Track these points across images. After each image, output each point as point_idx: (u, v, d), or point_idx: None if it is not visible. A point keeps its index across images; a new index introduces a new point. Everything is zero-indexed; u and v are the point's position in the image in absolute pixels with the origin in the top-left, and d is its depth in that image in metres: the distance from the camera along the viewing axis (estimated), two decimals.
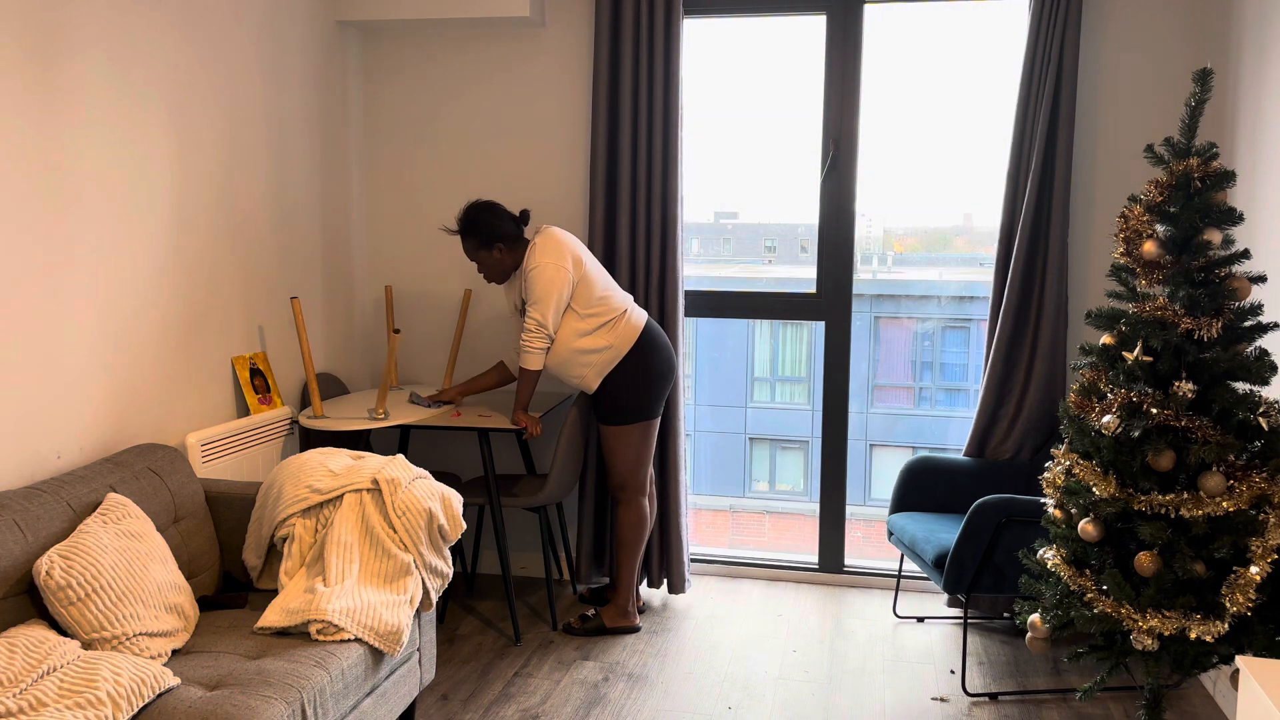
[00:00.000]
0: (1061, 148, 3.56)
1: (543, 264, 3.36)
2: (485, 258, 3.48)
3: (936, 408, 9.59)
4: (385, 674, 2.65)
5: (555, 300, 3.37)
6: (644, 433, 3.57)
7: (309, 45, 3.81)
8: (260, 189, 3.54)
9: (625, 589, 3.70)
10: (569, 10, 4.00)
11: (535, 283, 3.36)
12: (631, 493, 3.62)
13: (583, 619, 3.68)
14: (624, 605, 3.70)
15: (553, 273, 3.35)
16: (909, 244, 8.91)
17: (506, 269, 3.51)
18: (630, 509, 3.64)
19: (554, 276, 3.35)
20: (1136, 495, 2.43)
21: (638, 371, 3.50)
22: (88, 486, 2.52)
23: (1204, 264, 2.48)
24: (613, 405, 3.52)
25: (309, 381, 3.52)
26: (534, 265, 3.37)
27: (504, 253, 3.47)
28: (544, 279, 3.35)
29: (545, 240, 3.42)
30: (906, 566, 4.07)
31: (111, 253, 2.85)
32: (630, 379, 3.50)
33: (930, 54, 6.33)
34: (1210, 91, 2.48)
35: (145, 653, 2.31)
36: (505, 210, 3.49)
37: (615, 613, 3.70)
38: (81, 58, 2.71)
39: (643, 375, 3.50)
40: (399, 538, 2.75)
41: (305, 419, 3.48)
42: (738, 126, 6.57)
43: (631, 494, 3.62)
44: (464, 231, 3.46)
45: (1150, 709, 2.63)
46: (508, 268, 3.51)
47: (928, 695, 3.26)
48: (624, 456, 3.57)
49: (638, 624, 3.72)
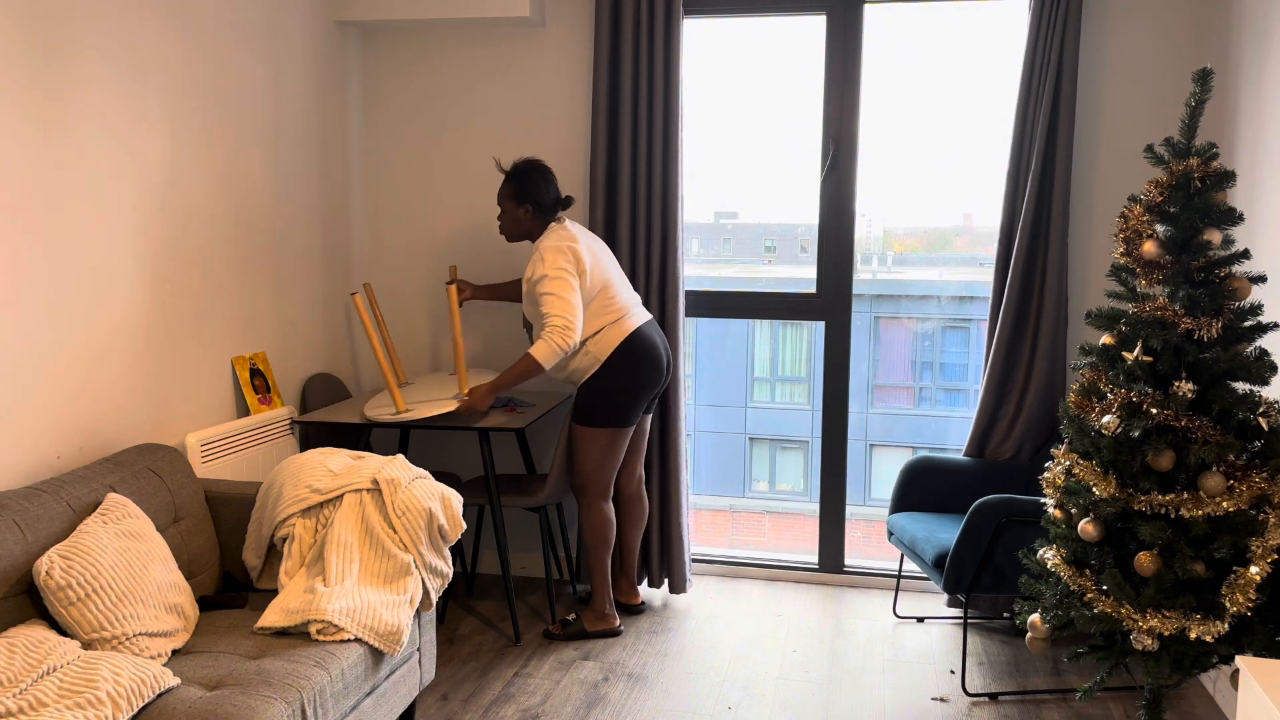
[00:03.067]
0: (1061, 148, 3.56)
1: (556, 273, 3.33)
2: (511, 209, 3.50)
3: (936, 408, 9.60)
4: (385, 674, 2.65)
5: (575, 304, 3.35)
6: (610, 439, 3.51)
7: (309, 45, 3.81)
8: (260, 188, 3.54)
9: (599, 592, 3.67)
10: (569, 10, 4.00)
11: (553, 286, 3.33)
12: (591, 496, 3.58)
13: (563, 624, 3.66)
14: (600, 608, 3.67)
15: (568, 279, 3.34)
16: (909, 244, 8.92)
17: (521, 232, 3.52)
18: (591, 513, 3.60)
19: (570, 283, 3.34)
20: (1136, 495, 2.43)
21: (611, 380, 3.46)
22: (88, 486, 2.52)
23: (1204, 264, 2.48)
24: (582, 404, 3.50)
25: (384, 374, 3.45)
26: (545, 270, 3.35)
27: (528, 216, 3.48)
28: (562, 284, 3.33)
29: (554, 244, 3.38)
30: (906, 566, 4.07)
31: (112, 252, 2.85)
32: (603, 385, 3.46)
33: (930, 54, 6.33)
34: (1210, 91, 2.48)
35: (145, 653, 2.31)
36: (555, 183, 3.51)
37: (593, 616, 3.67)
38: (81, 57, 2.71)
39: (616, 384, 3.46)
40: (399, 538, 2.76)
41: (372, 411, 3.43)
42: (738, 126, 6.57)
43: (591, 497, 3.58)
44: (510, 177, 3.49)
45: (1150, 709, 2.64)
46: (522, 232, 3.52)
47: (928, 695, 3.27)
48: (586, 457, 3.53)
49: (618, 626, 3.68)
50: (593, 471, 3.54)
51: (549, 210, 3.49)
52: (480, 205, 4.17)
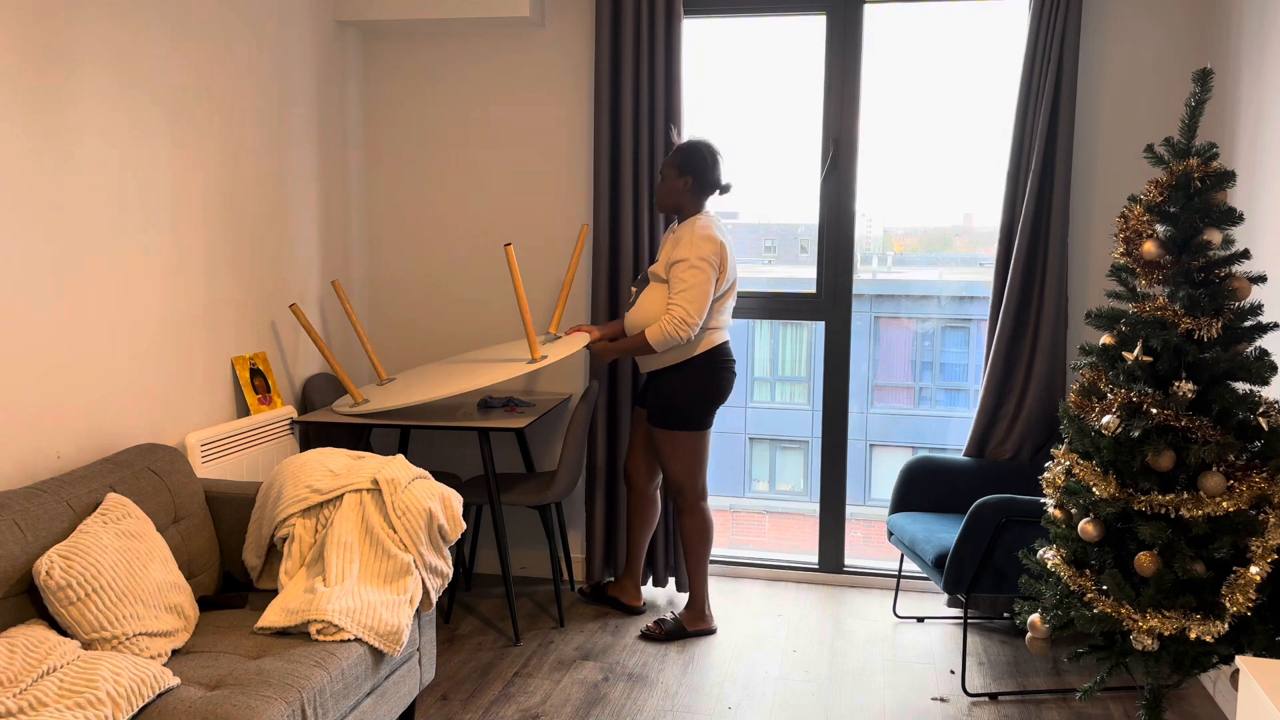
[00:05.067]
0: (1061, 148, 3.56)
1: (701, 264, 3.37)
2: (672, 179, 3.50)
3: (936, 408, 9.59)
4: (385, 674, 2.65)
5: (705, 300, 3.39)
6: (695, 442, 3.57)
7: (309, 45, 3.81)
8: (260, 189, 3.54)
9: (699, 593, 3.70)
10: (569, 10, 4.00)
11: (692, 275, 3.37)
12: (690, 498, 3.63)
13: (660, 623, 3.66)
14: (700, 609, 3.70)
15: (709, 273, 3.38)
16: (909, 244, 8.92)
17: (675, 205, 3.52)
18: (690, 516, 3.64)
19: (709, 278, 3.38)
20: (1136, 495, 2.43)
21: (695, 383, 3.50)
22: (88, 486, 2.52)
23: (1204, 264, 2.48)
24: (665, 407, 3.53)
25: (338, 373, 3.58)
26: (691, 256, 3.37)
27: (686, 190, 3.49)
28: (702, 276, 3.37)
29: (709, 233, 3.41)
30: (906, 566, 4.07)
31: (111, 253, 2.85)
32: (687, 388, 3.51)
33: (930, 54, 6.33)
34: (1210, 91, 2.48)
35: (145, 653, 2.31)
36: (720, 167, 3.52)
37: (693, 616, 3.69)
38: (82, 58, 2.71)
39: (699, 388, 3.51)
40: (399, 538, 2.76)
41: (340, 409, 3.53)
42: (737, 126, 6.57)
43: (690, 499, 3.63)
44: (680, 149, 3.51)
45: (1150, 709, 2.64)
46: (676, 205, 3.52)
47: (928, 695, 3.27)
48: (677, 462, 3.57)
49: (714, 626, 3.72)
50: (686, 475, 3.59)
51: (707, 190, 3.52)
52: (480, 205, 4.17)
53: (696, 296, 3.37)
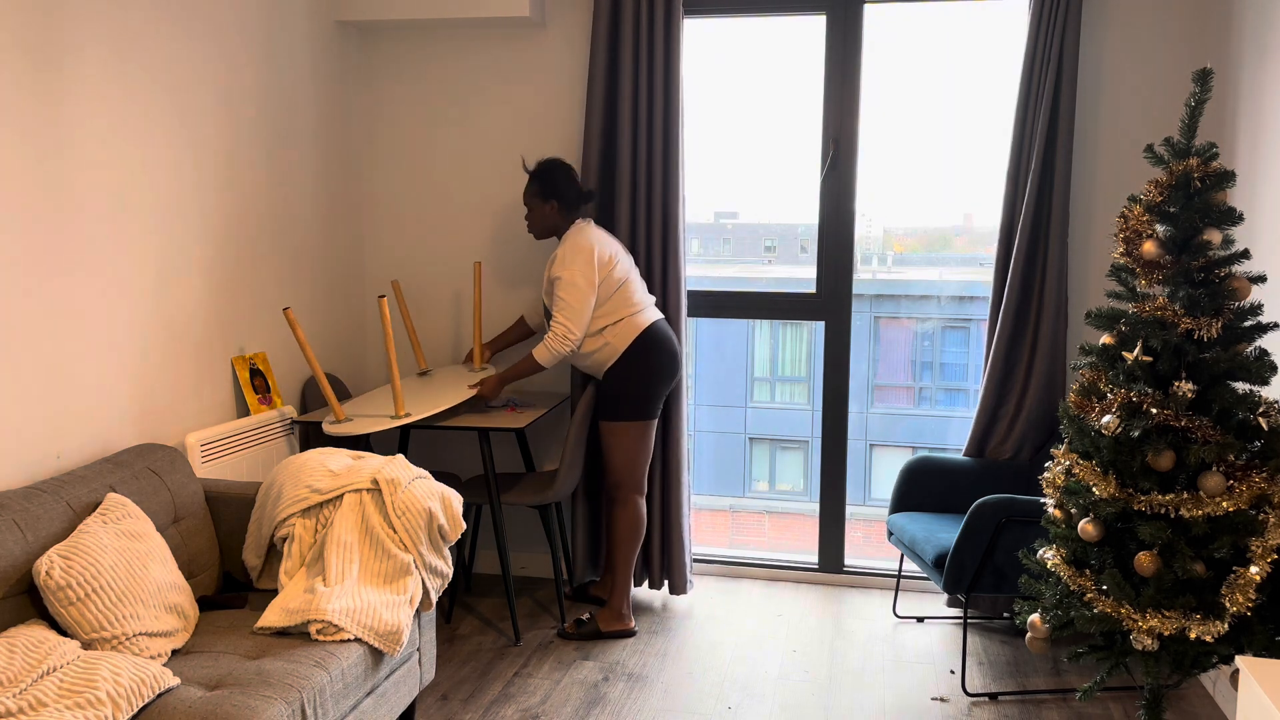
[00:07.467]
0: (1061, 148, 3.56)
1: (573, 278, 3.44)
2: (538, 207, 3.59)
3: (936, 408, 9.59)
4: (385, 674, 2.65)
5: (584, 313, 3.46)
6: (639, 432, 3.58)
7: (309, 45, 3.81)
8: (260, 189, 3.54)
9: (620, 592, 3.67)
10: (569, 10, 4.00)
11: (566, 292, 3.45)
12: (626, 491, 3.62)
13: (578, 623, 3.66)
14: (619, 608, 3.67)
15: (584, 286, 3.45)
16: (909, 244, 8.91)
17: (549, 228, 3.61)
18: (625, 508, 3.63)
19: (584, 291, 3.45)
20: (1136, 495, 2.43)
21: (631, 370, 3.52)
22: (88, 486, 2.52)
23: (1204, 264, 2.48)
24: (605, 397, 3.57)
25: (322, 387, 3.43)
26: (563, 273, 3.45)
27: (554, 212, 3.58)
28: (576, 292, 3.44)
29: (577, 243, 3.48)
30: (906, 566, 4.07)
31: (111, 253, 2.85)
32: (624, 376, 3.53)
33: (930, 54, 6.33)
34: (1210, 91, 2.48)
35: (145, 653, 2.31)
36: (578, 180, 3.61)
37: (610, 616, 3.67)
38: (82, 58, 2.71)
39: (636, 374, 3.53)
40: (399, 538, 2.76)
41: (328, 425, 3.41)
42: (738, 126, 6.57)
43: (626, 492, 3.62)
44: (534, 175, 3.58)
45: (1150, 709, 2.64)
46: (550, 227, 3.61)
47: (928, 695, 3.27)
48: (618, 453, 3.58)
49: (633, 627, 3.69)
50: (625, 466, 3.59)
51: (574, 205, 3.59)
52: (480, 205, 4.17)
53: (574, 313, 3.45)
